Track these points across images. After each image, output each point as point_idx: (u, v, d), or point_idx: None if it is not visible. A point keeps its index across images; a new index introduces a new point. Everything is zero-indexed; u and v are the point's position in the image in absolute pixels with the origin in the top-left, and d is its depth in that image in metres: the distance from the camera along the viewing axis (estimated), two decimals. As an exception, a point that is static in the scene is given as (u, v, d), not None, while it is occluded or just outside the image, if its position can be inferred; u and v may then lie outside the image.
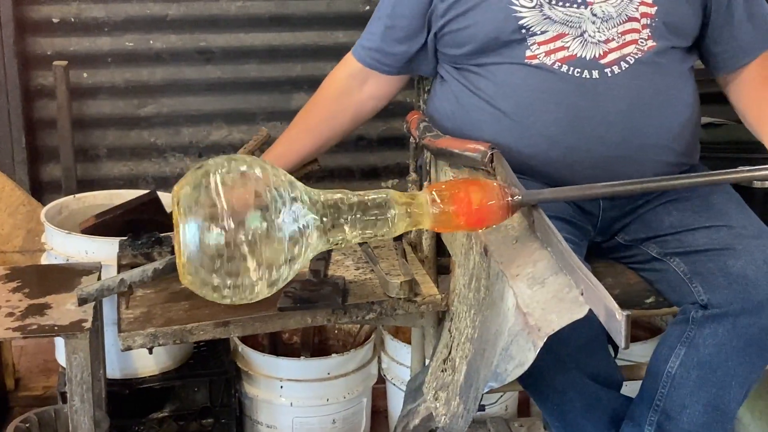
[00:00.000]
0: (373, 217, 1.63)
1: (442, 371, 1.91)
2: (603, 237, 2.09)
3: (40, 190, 3.19)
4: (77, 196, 2.79)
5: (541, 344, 1.42)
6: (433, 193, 1.63)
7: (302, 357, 2.78)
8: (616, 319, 1.34)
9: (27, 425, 2.36)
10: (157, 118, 3.24)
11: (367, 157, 3.37)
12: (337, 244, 1.65)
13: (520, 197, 1.65)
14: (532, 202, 1.66)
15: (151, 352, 1.95)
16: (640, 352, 2.50)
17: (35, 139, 3.18)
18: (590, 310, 1.42)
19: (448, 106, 2.14)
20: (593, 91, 1.98)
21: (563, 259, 1.52)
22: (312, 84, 2.34)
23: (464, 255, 1.87)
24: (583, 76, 1.98)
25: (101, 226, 2.52)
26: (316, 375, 2.62)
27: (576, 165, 2.00)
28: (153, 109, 3.23)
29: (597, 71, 1.98)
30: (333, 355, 2.68)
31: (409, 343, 2.46)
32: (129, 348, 1.84)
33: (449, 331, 1.92)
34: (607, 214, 2.05)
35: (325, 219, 1.61)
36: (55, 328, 1.95)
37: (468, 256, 1.84)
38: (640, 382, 1.99)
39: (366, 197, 1.64)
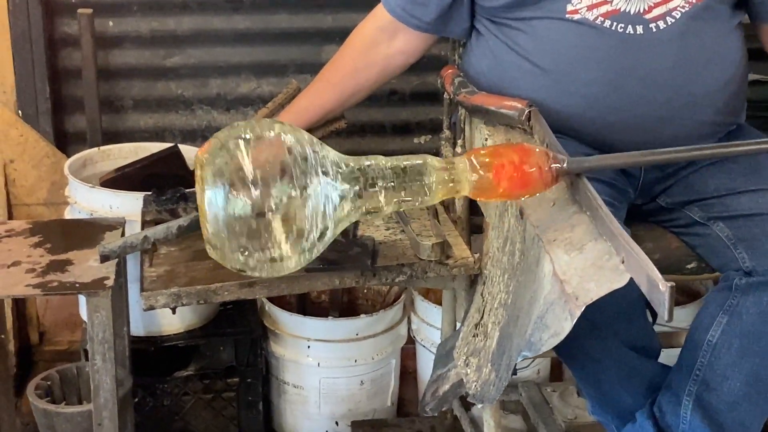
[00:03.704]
0: (409, 184, 1.54)
1: (474, 336, 1.86)
2: (643, 199, 2.03)
3: (65, 142, 3.14)
4: (102, 148, 2.76)
5: (578, 314, 1.37)
6: (473, 158, 1.53)
7: (330, 317, 2.74)
8: (659, 290, 1.27)
9: (48, 383, 2.33)
10: (184, 69, 3.17)
11: (399, 112, 3.29)
12: (370, 213, 1.56)
13: (564, 165, 1.54)
14: (578, 170, 1.55)
15: (174, 312, 1.91)
16: (679, 318, 2.44)
17: (59, 89, 3.12)
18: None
19: (485, 62, 2.07)
20: (637, 47, 1.90)
21: (603, 224, 1.45)
22: (343, 36, 2.28)
23: (498, 217, 1.81)
24: (627, 32, 1.90)
25: (121, 179, 2.50)
26: (343, 335, 2.60)
27: (617, 125, 1.93)
28: (180, 60, 3.16)
29: (641, 26, 1.90)
30: (362, 315, 2.64)
31: (440, 304, 2.42)
32: (151, 308, 1.81)
33: (481, 295, 1.87)
34: (648, 175, 2.00)
35: (357, 187, 1.53)
36: (77, 285, 1.91)
37: (503, 218, 1.78)
38: (679, 349, 1.95)
39: (401, 163, 1.55)
